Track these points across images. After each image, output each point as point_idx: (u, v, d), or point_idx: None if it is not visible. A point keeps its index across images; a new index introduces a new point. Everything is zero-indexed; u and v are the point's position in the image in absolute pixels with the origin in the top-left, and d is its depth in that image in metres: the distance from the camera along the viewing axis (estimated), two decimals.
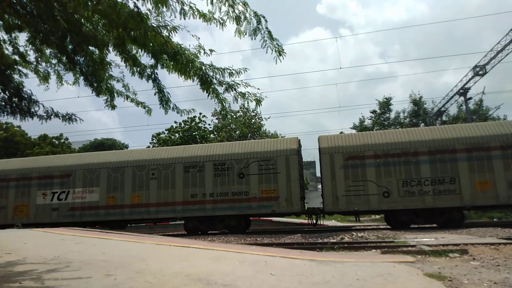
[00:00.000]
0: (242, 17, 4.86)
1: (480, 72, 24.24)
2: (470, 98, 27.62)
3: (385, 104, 35.03)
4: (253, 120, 34.29)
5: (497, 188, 13.34)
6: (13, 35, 6.41)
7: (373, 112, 35.60)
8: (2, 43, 6.42)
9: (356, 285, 5.24)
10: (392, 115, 35.49)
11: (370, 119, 35.76)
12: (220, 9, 4.81)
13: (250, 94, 5.63)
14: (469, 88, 26.11)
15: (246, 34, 4.97)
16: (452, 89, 27.92)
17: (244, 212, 15.16)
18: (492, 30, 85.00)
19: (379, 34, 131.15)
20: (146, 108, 6.83)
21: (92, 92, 6.34)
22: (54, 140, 37.83)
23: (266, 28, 4.91)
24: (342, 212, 14.90)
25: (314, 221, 16.03)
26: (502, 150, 13.47)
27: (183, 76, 5.48)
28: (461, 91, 26.41)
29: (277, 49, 4.94)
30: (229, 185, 15.36)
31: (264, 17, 4.92)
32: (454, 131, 14.25)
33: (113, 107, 6.69)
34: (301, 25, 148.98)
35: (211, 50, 5.55)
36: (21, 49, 6.69)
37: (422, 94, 37.90)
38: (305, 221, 23.22)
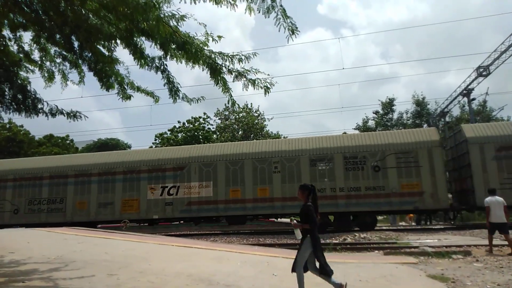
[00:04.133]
0: None
1: (484, 73, 24.05)
2: (473, 99, 27.40)
3: (388, 105, 34.89)
4: (256, 121, 34.22)
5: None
6: (18, 34, 6.43)
7: (376, 112, 35.47)
8: (7, 41, 6.45)
9: (358, 286, 5.23)
10: (395, 115, 35.37)
11: (373, 119, 35.64)
12: None
13: (260, 80, 5.52)
14: (473, 89, 25.88)
15: (259, 12, 4.81)
16: (455, 90, 27.73)
17: None
18: (494, 31, 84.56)
19: (380, 34, 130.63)
20: (155, 97, 6.82)
21: (102, 88, 6.33)
22: (59, 140, 37.81)
23: (281, 5, 4.77)
24: None
25: None
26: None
27: (191, 65, 5.42)
28: (464, 91, 26.23)
29: (290, 27, 4.82)
30: None
31: None
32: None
33: (128, 97, 6.65)
34: (302, 25, 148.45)
35: (219, 37, 5.44)
36: (26, 47, 6.70)
37: (424, 95, 37.44)
38: None
